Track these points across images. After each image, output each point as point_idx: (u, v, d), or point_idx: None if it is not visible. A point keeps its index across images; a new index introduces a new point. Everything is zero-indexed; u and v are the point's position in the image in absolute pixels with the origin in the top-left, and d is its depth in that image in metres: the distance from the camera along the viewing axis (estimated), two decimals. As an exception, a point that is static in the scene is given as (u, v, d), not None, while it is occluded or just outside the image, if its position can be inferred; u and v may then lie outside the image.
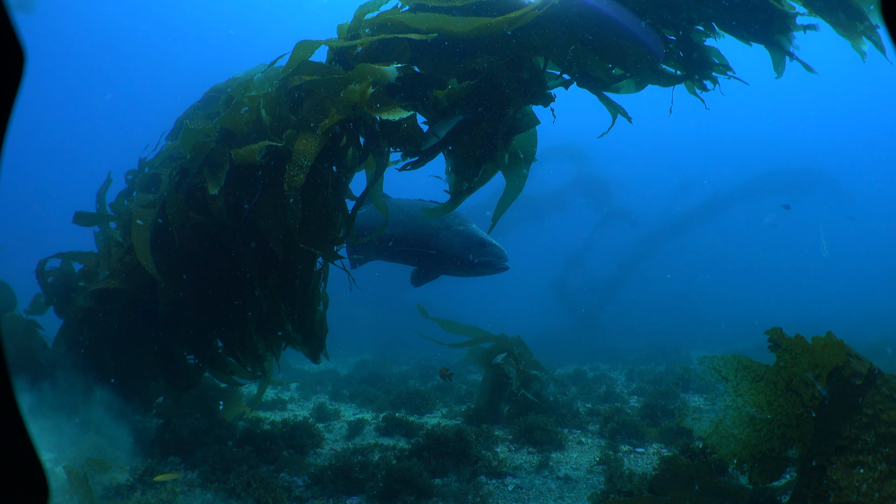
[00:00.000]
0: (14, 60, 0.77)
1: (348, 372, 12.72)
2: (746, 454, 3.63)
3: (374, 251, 6.20)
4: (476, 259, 5.76)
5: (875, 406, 2.85)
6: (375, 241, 6.10)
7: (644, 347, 17.74)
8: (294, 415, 7.11)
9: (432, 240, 5.90)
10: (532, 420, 5.63)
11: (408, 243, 5.97)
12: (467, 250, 5.79)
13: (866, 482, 2.72)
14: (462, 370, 11.80)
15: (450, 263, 5.89)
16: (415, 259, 6.05)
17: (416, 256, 6.01)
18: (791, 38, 4.07)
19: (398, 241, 6.01)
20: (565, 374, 11.13)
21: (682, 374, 3.81)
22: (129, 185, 5.93)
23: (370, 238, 5.21)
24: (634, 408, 7.27)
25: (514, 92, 3.98)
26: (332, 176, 4.45)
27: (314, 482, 4.30)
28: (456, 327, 7.02)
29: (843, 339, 3.39)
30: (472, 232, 5.94)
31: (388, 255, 6.26)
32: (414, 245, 5.93)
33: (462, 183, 4.25)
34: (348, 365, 14.34)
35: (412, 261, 6.11)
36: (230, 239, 4.42)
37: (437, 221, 5.94)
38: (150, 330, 4.85)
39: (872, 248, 45.51)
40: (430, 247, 5.90)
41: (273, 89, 4.58)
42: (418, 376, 11.82)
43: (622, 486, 3.75)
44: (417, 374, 12.04)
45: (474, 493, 3.94)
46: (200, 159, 4.54)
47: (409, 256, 6.08)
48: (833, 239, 44.80)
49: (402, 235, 6.01)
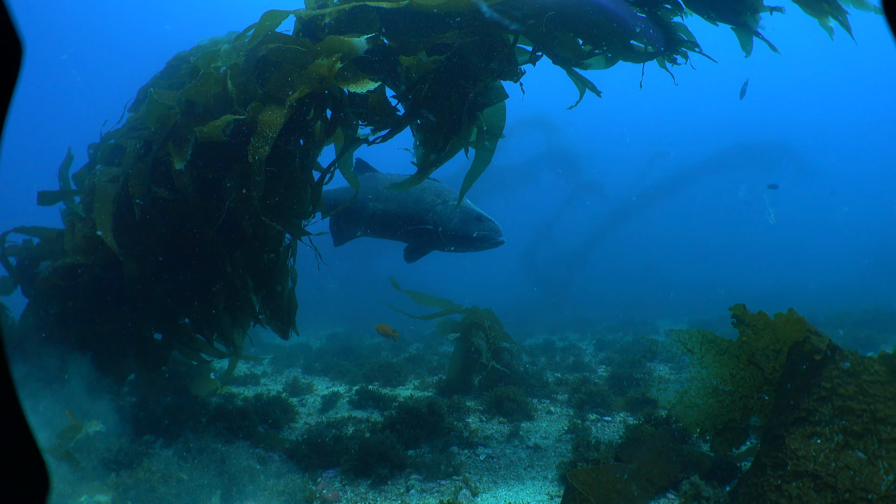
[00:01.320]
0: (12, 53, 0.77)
1: (321, 345, 12.74)
2: (709, 424, 3.79)
3: (361, 227, 6.02)
4: (476, 234, 5.70)
5: (833, 380, 2.96)
6: (366, 217, 5.96)
7: (612, 317, 18.09)
8: (267, 389, 7.13)
9: (429, 214, 5.74)
10: (502, 391, 5.74)
11: (403, 219, 5.80)
12: (466, 225, 5.69)
13: (823, 452, 2.85)
14: (434, 342, 11.92)
15: (448, 238, 5.73)
16: (407, 235, 5.87)
17: (411, 232, 5.82)
18: (758, 19, 4.12)
19: (392, 216, 5.84)
20: (535, 344, 11.31)
21: (650, 346, 3.92)
22: (91, 160, 5.77)
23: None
24: (602, 377, 7.45)
25: (483, 67, 3.97)
26: (299, 150, 4.40)
27: (289, 457, 4.34)
28: (427, 299, 7.07)
29: (804, 313, 3.53)
30: (468, 206, 5.82)
31: (379, 231, 6.06)
32: (410, 220, 5.77)
33: (429, 156, 4.25)
34: (320, 338, 14.36)
35: (403, 237, 5.93)
36: (196, 214, 4.35)
37: (431, 195, 5.82)
38: (117, 306, 4.78)
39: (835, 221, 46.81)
40: (427, 222, 5.74)
41: (240, 61, 4.48)
42: (391, 348, 11.90)
43: (589, 454, 3.87)
44: (390, 346, 12.11)
45: (447, 463, 4.03)
46: (165, 132, 4.44)
47: (402, 232, 5.89)
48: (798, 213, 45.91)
49: (396, 210, 5.83)
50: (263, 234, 4.38)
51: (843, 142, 56.18)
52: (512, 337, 6.97)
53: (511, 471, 4.10)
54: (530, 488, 3.75)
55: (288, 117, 3.94)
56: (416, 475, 3.95)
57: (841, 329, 11.03)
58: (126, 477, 3.74)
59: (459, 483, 3.78)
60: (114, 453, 4.15)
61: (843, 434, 2.87)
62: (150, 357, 4.86)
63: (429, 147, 4.16)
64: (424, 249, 6.05)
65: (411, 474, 3.95)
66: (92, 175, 5.43)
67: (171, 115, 4.56)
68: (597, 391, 5.84)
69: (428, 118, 4.07)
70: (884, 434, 2.81)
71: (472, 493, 3.64)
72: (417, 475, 3.95)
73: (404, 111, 4.19)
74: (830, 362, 3.02)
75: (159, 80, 5.73)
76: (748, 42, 4.30)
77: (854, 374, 2.96)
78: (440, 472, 3.92)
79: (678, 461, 3.78)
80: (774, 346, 3.54)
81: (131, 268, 4.38)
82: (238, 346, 5.34)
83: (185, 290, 4.59)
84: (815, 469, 2.82)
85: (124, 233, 4.47)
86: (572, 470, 3.18)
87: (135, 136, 5.41)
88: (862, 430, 2.85)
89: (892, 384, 2.92)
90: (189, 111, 4.51)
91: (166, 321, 4.81)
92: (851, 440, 2.84)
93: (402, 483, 3.85)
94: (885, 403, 2.87)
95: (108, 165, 5.37)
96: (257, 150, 3.79)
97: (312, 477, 4.00)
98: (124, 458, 4.13)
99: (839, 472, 2.78)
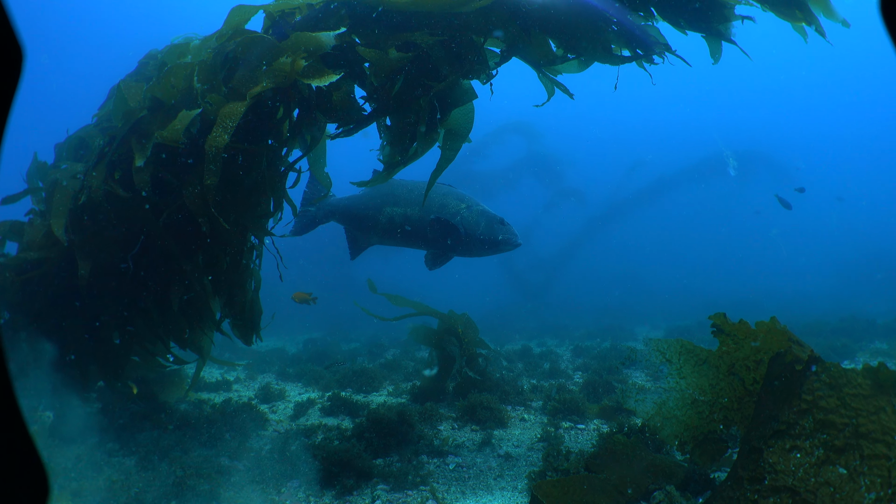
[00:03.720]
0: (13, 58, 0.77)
1: (297, 350, 12.56)
2: (688, 435, 3.70)
3: (377, 235, 5.84)
4: (501, 237, 5.65)
5: (814, 393, 2.87)
6: (383, 223, 5.79)
7: (591, 324, 18.11)
8: (239, 396, 6.96)
9: (455, 219, 5.64)
10: (476, 398, 5.65)
11: (423, 224, 5.67)
12: (491, 229, 5.66)
13: (803, 467, 2.75)
14: (411, 348, 11.81)
15: (474, 243, 5.65)
16: (433, 241, 5.69)
17: (438, 238, 5.66)
18: (729, 27, 4.11)
19: (414, 221, 5.69)
20: (513, 350, 11.24)
21: (629, 355, 3.86)
22: (56, 157, 5.62)
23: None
24: (578, 384, 7.40)
25: (452, 68, 3.91)
26: (266, 149, 4.29)
27: (254, 466, 4.20)
28: (404, 302, 6.97)
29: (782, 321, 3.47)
30: (488, 210, 5.78)
31: (399, 238, 5.85)
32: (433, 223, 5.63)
33: (395, 156, 4.18)
34: (297, 343, 14.17)
35: (421, 243, 5.76)
36: (154, 213, 4.22)
37: (455, 200, 5.74)
38: (73, 306, 4.62)
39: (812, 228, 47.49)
40: (456, 227, 5.65)
41: (208, 57, 4.38)
42: (367, 353, 11.76)
43: (559, 464, 3.79)
44: (366, 352, 11.98)
45: (415, 473, 3.92)
46: (128, 127, 4.32)
47: (422, 238, 5.72)
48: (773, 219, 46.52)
49: (419, 216, 5.68)
50: (224, 234, 4.25)
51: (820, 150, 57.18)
52: (488, 343, 6.89)
53: (480, 481, 4.00)
54: (499, 499, 3.65)
55: (248, 107, 3.86)
56: (382, 485, 3.83)
57: (817, 337, 11.12)
58: (85, 484, 3.61)
59: (427, 494, 3.68)
60: (72, 461, 4.01)
61: (823, 448, 2.77)
62: (108, 361, 4.69)
63: (395, 147, 4.08)
64: (448, 255, 5.91)
65: (378, 484, 3.84)
66: (55, 171, 5.29)
67: (137, 111, 4.43)
68: (571, 398, 5.77)
69: (397, 116, 3.99)
70: (866, 450, 2.71)
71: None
72: (384, 485, 3.84)
73: (371, 110, 4.11)
74: (811, 374, 2.92)
75: (131, 80, 5.60)
76: (718, 50, 4.30)
77: (836, 387, 2.87)
78: (407, 483, 3.81)
79: (651, 472, 3.71)
80: (755, 357, 3.47)
81: (84, 266, 4.23)
82: (205, 351, 5.19)
83: (143, 290, 4.43)
84: (793, 484, 2.72)
85: (80, 230, 4.32)
86: (537, 482, 3.09)
87: (100, 134, 5.28)
88: (843, 444, 2.75)
89: (875, 398, 2.82)
90: (155, 107, 4.39)
91: (123, 323, 4.64)
92: (832, 455, 2.74)
93: (367, 493, 3.74)
94: (867, 418, 2.78)
95: (74, 162, 5.23)
96: (215, 139, 3.70)
97: (277, 487, 3.87)
98: (83, 467, 3.98)
99: (819, 489, 2.68)
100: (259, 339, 4.84)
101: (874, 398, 2.81)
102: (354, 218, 5.78)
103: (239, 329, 4.63)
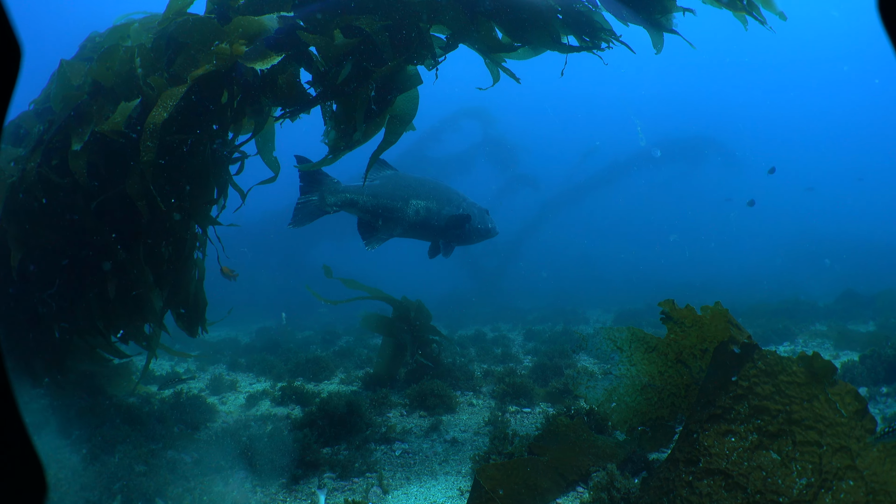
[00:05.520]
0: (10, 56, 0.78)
1: (249, 340, 12.41)
2: (637, 421, 3.81)
3: (400, 226, 5.98)
4: (490, 226, 6.19)
5: (750, 379, 2.94)
6: (410, 215, 5.94)
7: (544, 308, 18.40)
8: (188, 388, 6.86)
9: (459, 211, 6.03)
10: (427, 385, 5.71)
11: (442, 217, 5.98)
12: (484, 218, 6.16)
13: (737, 451, 2.83)
14: (365, 335, 11.81)
15: (475, 232, 6.10)
16: (448, 232, 6.03)
17: (453, 228, 6.00)
18: (670, 18, 4.22)
19: (434, 214, 5.98)
20: (466, 335, 11.36)
21: (580, 343, 3.92)
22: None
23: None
24: (527, 367, 7.54)
25: (396, 53, 3.91)
26: (210, 134, 4.23)
27: (202, 458, 4.18)
28: (358, 287, 6.97)
29: (727, 305, 3.54)
30: (474, 202, 6.25)
31: (418, 230, 6.10)
32: (451, 218, 5.96)
33: (340, 141, 4.17)
34: (249, 332, 13.99)
35: (435, 234, 6.07)
36: (92, 198, 4.12)
37: (456, 195, 6.12)
38: (10, 295, 4.48)
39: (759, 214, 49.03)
40: (467, 218, 6.03)
41: (149, 41, 4.28)
42: (321, 342, 11.71)
43: (504, 447, 3.88)
44: (320, 340, 11.92)
45: (361, 460, 3.97)
46: (68, 111, 4.19)
47: (437, 229, 6.02)
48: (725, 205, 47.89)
49: (436, 208, 5.98)
50: (164, 222, 4.17)
51: (768, 135, 58.98)
52: (442, 329, 6.96)
53: (425, 466, 4.07)
54: (442, 484, 3.73)
55: (190, 90, 3.79)
56: (329, 473, 3.86)
57: (760, 318, 11.51)
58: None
59: (372, 480, 3.73)
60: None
61: (757, 434, 2.84)
62: (50, 354, 4.57)
63: (340, 131, 4.07)
64: (452, 245, 6.23)
65: (325, 473, 3.87)
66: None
67: (76, 95, 4.30)
68: (520, 383, 5.89)
69: (343, 101, 3.98)
70: (799, 436, 2.79)
71: (384, 490, 3.58)
72: (331, 473, 3.87)
73: (316, 94, 4.08)
74: (748, 360, 2.98)
75: (73, 60, 5.42)
76: (660, 41, 4.40)
77: (772, 374, 2.94)
78: (354, 470, 3.85)
79: (592, 453, 3.82)
80: (701, 346, 3.55)
81: (16, 253, 4.10)
82: (152, 343, 5.09)
83: (81, 280, 4.32)
84: (727, 468, 2.80)
85: (14, 218, 4.18)
86: (480, 466, 3.17)
87: (38, 120, 5.10)
88: (777, 430, 2.82)
89: (809, 386, 2.90)
90: (95, 91, 4.27)
91: (62, 316, 4.52)
92: (766, 440, 2.81)
93: (314, 482, 3.76)
94: (801, 405, 2.85)
95: (12, 147, 5.04)
96: (154, 117, 3.65)
97: (224, 478, 3.86)
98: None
99: (751, 473, 2.75)
100: (204, 331, 4.77)
101: (808, 386, 2.90)
102: (382, 209, 5.85)
103: (184, 321, 4.55)
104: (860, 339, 8.35)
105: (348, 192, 5.82)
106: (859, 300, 13.88)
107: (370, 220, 5.94)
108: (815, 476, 2.76)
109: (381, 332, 6.84)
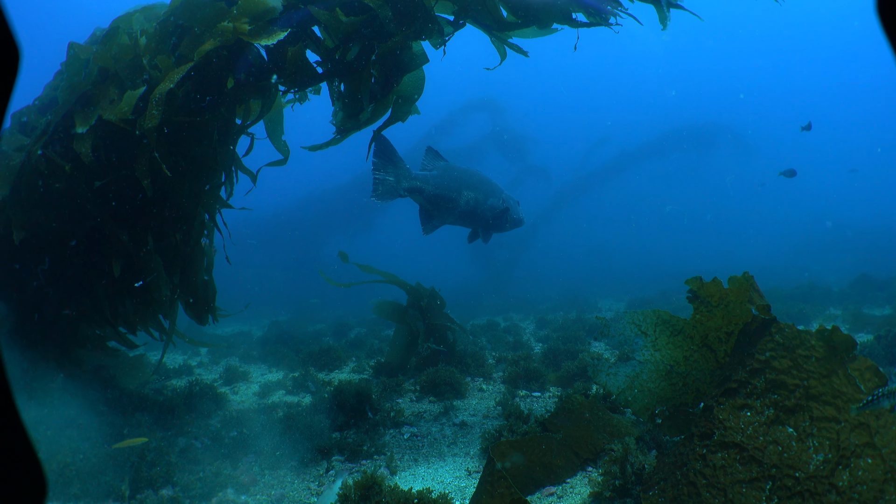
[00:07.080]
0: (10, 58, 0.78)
1: (262, 333, 12.45)
2: (660, 408, 3.70)
3: (452, 215, 6.17)
4: (523, 216, 6.41)
5: (767, 353, 2.86)
6: (462, 205, 6.09)
7: (556, 298, 18.29)
8: (201, 379, 6.88)
9: (500, 201, 6.22)
10: (438, 371, 5.68)
11: (487, 206, 6.16)
12: (517, 209, 6.36)
13: (752, 425, 2.76)
14: (378, 326, 11.80)
15: (510, 222, 6.29)
16: (481, 220, 6.22)
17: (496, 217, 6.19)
18: (674, -6, 4.14)
19: (481, 204, 6.15)
20: (478, 325, 11.31)
21: (602, 329, 3.74)
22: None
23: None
24: (538, 354, 7.49)
25: (401, 28, 3.87)
26: (217, 117, 4.21)
27: (212, 444, 4.18)
28: (374, 271, 6.97)
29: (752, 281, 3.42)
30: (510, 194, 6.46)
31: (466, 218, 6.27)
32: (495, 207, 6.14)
33: (347, 122, 4.14)
34: (262, 326, 14.03)
35: (478, 222, 6.25)
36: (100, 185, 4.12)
37: (495, 185, 6.30)
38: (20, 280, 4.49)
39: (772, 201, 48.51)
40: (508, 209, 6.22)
41: (153, 27, 4.27)
42: (333, 334, 11.72)
43: (518, 426, 3.84)
44: (332, 332, 11.93)
45: (370, 443, 3.95)
46: (75, 98, 4.19)
47: (481, 218, 6.20)
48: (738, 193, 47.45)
49: (482, 199, 6.14)
50: (173, 203, 4.15)
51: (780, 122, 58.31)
52: (453, 318, 6.92)
53: (434, 448, 4.05)
54: (450, 465, 3.70)
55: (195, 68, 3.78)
56: (338, 457, 3.85)
57: (776, 303, 11.36)
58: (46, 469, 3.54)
59: (380, 462, 3.70)
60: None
61: (774, 408, 2.78)
62: (59, 342, 4.57)
63: (348, 112, 4.04)
64: (491, 233, 6.41)
65: (334, 456, 3.85)
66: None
67: (82, 84, 4.31)
68: (531, 368, 5.84)
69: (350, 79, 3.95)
70: (816, 412, 2.72)
71: (391, 471, 3.56)
72: (340, 456, 3.85)
73: (323, 71, 4.05)
74: (766, 334, 2.90)
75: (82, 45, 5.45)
76: (664, 16, 4.32)
77: (789, 349, 2.86)
78: (362, 453, 3.83)
79: (607, 431, 3.77)
80: (727, 328, 3.37)
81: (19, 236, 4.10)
82: (167, 332, 5.10)
83: (90, 267, 4.32)
84: (742, 441, 2.73)
85: (19, 203, 4.20)
86: (494, 443, 3.13)
87: (40, 115, 5.12)
88: (794, 405, 2.76)
89: (827, 360, 2.82)
90: (101, 78, 4.27)
91: (69, 301, 4.52)
92: (782, 415, 2.75)
93: (323, 465, 3.75)
94: (819, 380, 2.77)
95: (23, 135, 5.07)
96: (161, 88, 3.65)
97: (233, 462, 3.86)
98: (38, 451, 3.89)
99: (767, 447, 2.69)
100: (214, 319, 4.76)
101: (827, 361, 2.81)
102: (440, 199, 5.95)
103: (193, 309, 4.54)
104: (875, 322, 8.22)
105: (418, 180, 5.91)
106: (874, 284, 13.66)
107: (430, 208, 6.05)
108: (832, 452, 2.68)
109: (393, 319, 6.82)
